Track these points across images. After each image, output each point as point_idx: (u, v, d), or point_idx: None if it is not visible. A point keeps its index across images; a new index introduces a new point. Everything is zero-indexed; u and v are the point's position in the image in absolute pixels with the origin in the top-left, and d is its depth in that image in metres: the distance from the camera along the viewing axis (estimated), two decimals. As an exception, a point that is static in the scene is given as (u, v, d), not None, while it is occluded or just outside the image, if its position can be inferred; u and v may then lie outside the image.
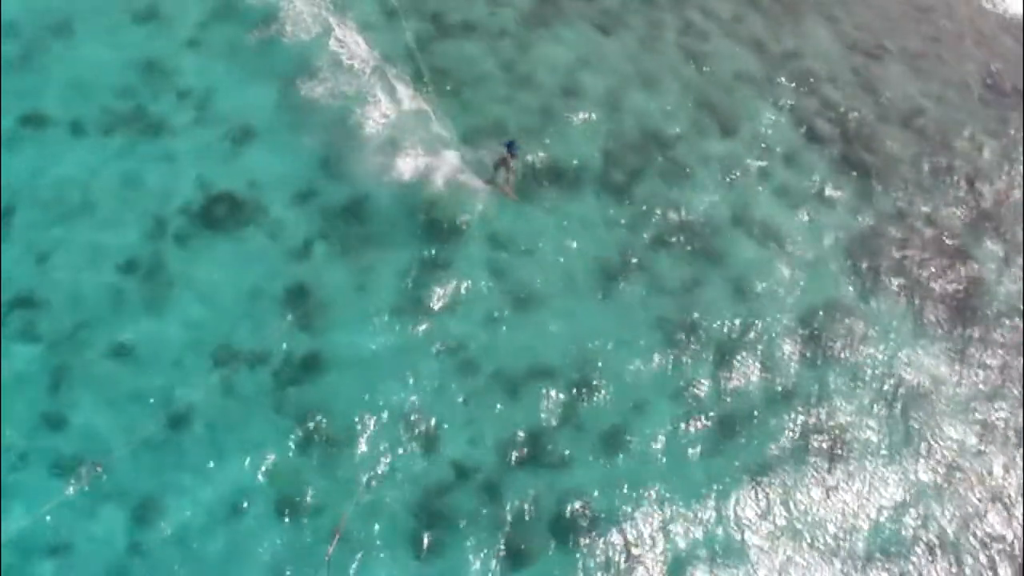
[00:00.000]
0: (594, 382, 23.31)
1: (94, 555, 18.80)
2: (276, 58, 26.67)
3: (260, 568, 19.26)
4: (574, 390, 23.09)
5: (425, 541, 20.39)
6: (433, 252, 24.30)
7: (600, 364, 23.56)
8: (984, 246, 29.96)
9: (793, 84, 31.72)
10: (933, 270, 28.78)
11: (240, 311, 22.31)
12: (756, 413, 24.11)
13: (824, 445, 24.06)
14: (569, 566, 20.67)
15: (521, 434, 22.15)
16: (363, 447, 21.21)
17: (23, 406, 20.01)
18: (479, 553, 20.51)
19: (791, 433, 24.16)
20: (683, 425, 23.40)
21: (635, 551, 21.07)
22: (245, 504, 19.93)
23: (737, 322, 25.59)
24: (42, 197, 22.91)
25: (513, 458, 21.79)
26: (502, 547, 20.71)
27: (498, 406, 22.35)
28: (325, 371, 21.98)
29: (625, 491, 21.97)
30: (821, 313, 26.58)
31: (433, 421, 21.76)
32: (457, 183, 25.21)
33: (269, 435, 20.88)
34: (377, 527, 20.32)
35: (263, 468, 20.41)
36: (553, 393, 22.85)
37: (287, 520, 19.99)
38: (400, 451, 21.29)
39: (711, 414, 23.73)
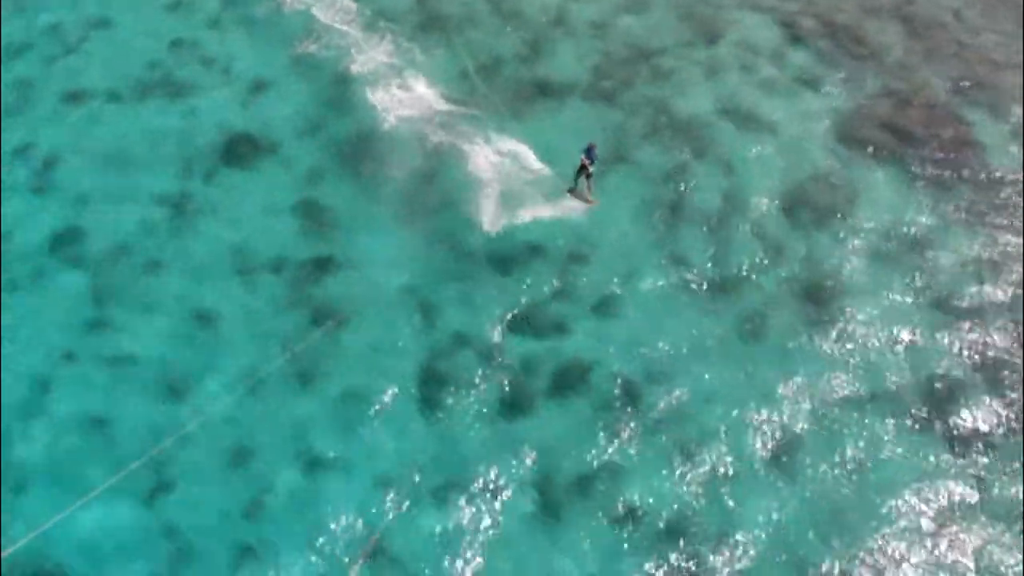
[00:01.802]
0: (584, 255, 25.05)
1: (135, 431, 21.43)
2: (281, 26, 30.15)
3: (284, 428, 21.59)
4: (565, 264, 24.91)
5: (430, 399, 22.32)
6: (430, 167, 26.64)
7: (589, 239, 25.44)
8: (973, 109, 30.59)
9: (776, -9, 33.15)
10: (922, 136, 29.54)
11: (259, 227, 25.08)
12: (744, 272, 25.31)
13: (814, 294, 25.14)
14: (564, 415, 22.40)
15: (516, 305, 24.02)
16: (371, 327, 23.41)
17: (71, 317, 22.98)
18: (479, 408, 22.34)
19: (780, 287, 25.25)
20: (672, 288, 24.90)
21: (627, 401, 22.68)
22: (265, 378, 22.30)
23: (723, 197, 27.00)
24: (82, 151, 26.23)
25: (509, 325, 23.65)
26: (500, 403, 22.49)
27: (495, 281, 24.31)
28: (335, 269, 24.45)
29: (616, 348, 23.54)
30: (808, 184, 27.77)
31: (433, 299, 23.85)
32: (444, 113, 27.93)
33: (286, 324, 23.33)
34: (385, 388, 22.37)
35: (282, 350, 22.82)
36: (546, 268, 24.72)
37: (304, 388, 22.32)
38: (404, 327, 23.40)
39: (700, 277, 25.20)
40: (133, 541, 19.74)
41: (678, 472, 21.74)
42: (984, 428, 23.05)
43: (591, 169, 25.42)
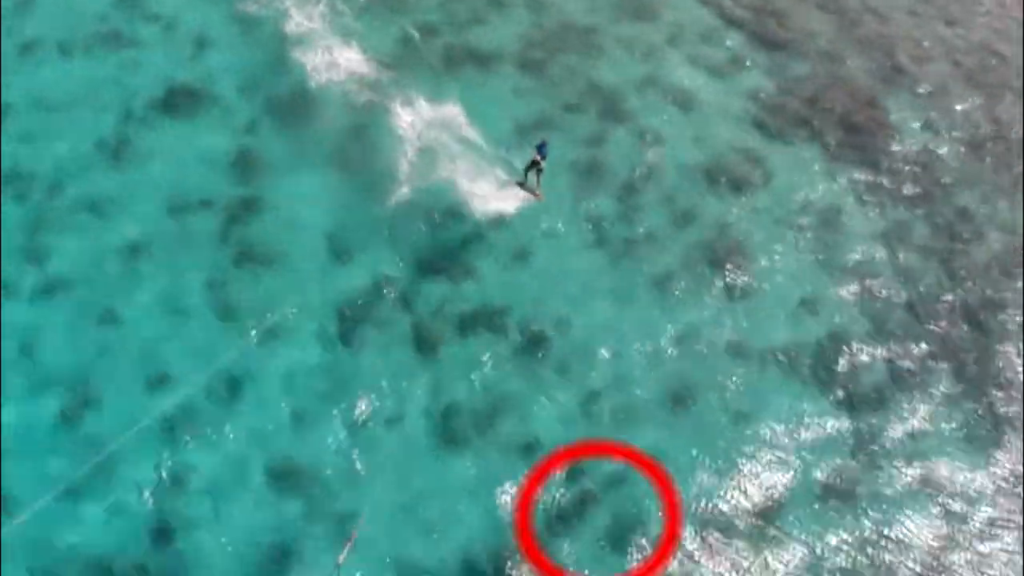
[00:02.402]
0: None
1: (64, 352, 22.55)
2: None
3: (198, 354, 22.73)
4: (483, 216, 26.22)
5: (341, 333, 23.60)
6: (358, 123, 27.92)
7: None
8: (896, 97, 32.32)
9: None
10: (838, 118, 31.10)
11: (193, 170, 26.27)
12: (654, 231, 26.68)
13: (718, 252, 26.62)
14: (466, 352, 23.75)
15: (432, 252, 25.29)
16: (293, 265, 24.62)
17: (11, 248, 24.09)
18: (387, 342, 23.59)
19: (694, 250, 26.63)
20: (583, 243, 26.34)
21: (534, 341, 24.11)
22: (188, 307, 23.47)
23: (641, 163, 28.39)
24: (32, 98, 27.36)
25: (422, 269, 24.91)
26: (407, 338, 23.74)
27: (413, 228, 25.57)
28: (261, 211, 25.65)
29: (524, 295, 24.99)
30: (724, 155, 29.26)
31: (351, 242, 25.08)
32: (374, 74, 29.31)
33: (213, 259, 24.51)
34: (306, 324, 23.57)
35: (205, 282, 23.99)
36: (464, 219, 26.04)
37: (224, 321, 23.49)
38: (321, 266, 24.63)
39: (611, 234, 26.59)
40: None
41: (567, 404, 22.95)
42: (864, 381, 24.83)
43: (542, 165, 26.23)
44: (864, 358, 25.29)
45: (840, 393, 24.40)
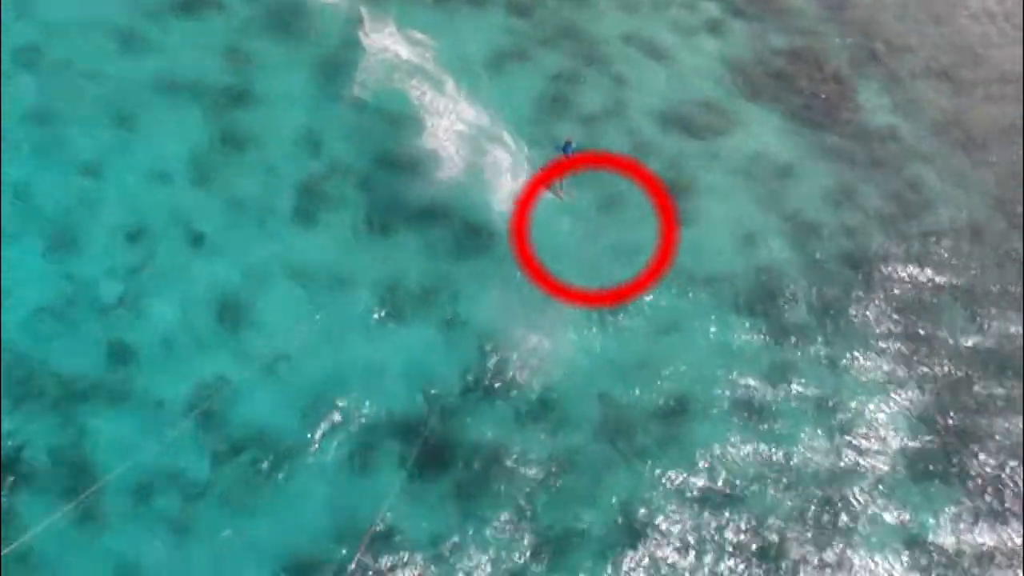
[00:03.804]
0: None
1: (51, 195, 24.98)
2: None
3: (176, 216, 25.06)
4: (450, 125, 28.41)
5: (305, 211, 25.86)
6: (350, 38, 30.19)
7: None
8: (868, 79, 34.26)
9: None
10: (806, 88, 32.99)
11: (189, 59, 28.66)
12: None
13: (671, 190, 28.28)
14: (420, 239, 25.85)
15: (396, 149, 27.46)
16: (267, 151, 26.91)
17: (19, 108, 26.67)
18: (347, 224, 25.77)
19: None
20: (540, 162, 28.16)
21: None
22: (173, 173, 25.86)
23: (606, 101, 30.43)
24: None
25: (384, 163, 27.08)
26: (366, 223, 25.89)
27: (379, 130, 27.79)
28: (252, 103, 27.99)
29: (476, 198, 26.96)
30: (687, 106, 31.19)
31: (324, 136, 27.34)
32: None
33: (198, 133, 26.86)
34: (268, 198, 25.83)
35: (188, 150, 26.38)
36: (429, 126, 28.22)
37: (201, 187, 25.81)
38: (294, 154, 26.93)
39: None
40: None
41: (505, 297, 24.89)
42: (795, 318, 26.55)
43: None
44: (795, 291, 26.85)
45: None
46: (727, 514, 22.47)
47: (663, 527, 21.94)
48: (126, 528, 19.75)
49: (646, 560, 21.38)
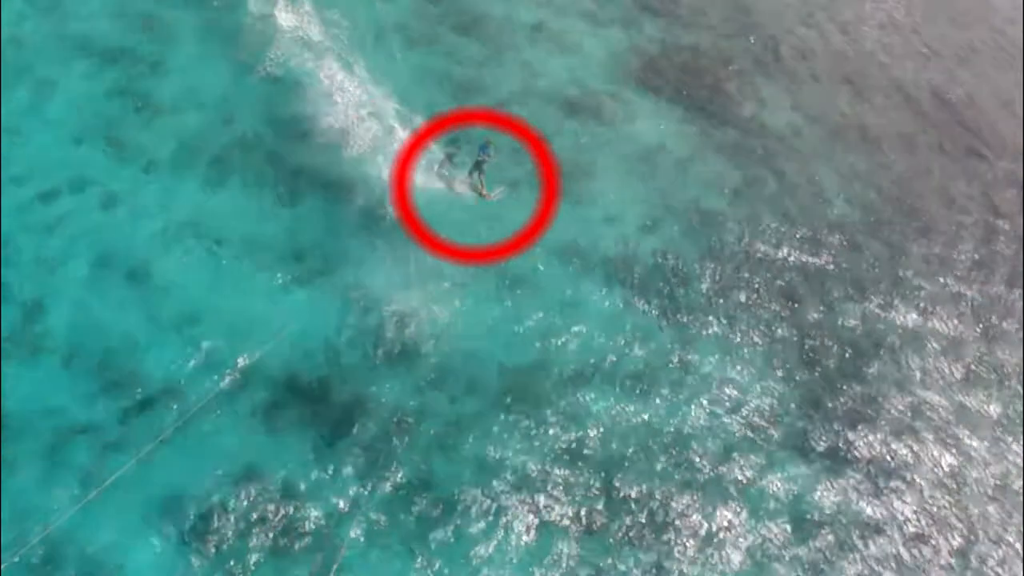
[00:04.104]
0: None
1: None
2: None
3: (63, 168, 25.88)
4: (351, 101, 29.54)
5: (214, 179, 26.86)
6: (266, 13, 31.36)
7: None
8: (770, 79, 35.96)
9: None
10: (705, 86, 34.53)
11: (110, 26, 29.73)
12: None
13: (568, 173, 29.61)
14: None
15: (302, 121, 28.49)
16: (183, 118, 27.95)
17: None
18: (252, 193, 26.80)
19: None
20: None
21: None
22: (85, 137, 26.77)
23: (516, 87, 31.73)
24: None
25: (294, 136, 28.16)
26: (272, 192, 26.90)
27: (285, 100, 28.87)
28: (166, 72, 29.04)
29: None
30: (581, 94, 32.74)
31: (235, 109, 28.35)
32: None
33: (110, 109, 27.77)
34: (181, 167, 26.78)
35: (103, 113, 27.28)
36: (329, 92, 29.48)
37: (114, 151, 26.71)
38: (208, 119, 27.96)
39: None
40: None
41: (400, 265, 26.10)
42: (685, 298, 27.93)
43: (485, 166, 27.98)
44: (685, 272, 28.25)
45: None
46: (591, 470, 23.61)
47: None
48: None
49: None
